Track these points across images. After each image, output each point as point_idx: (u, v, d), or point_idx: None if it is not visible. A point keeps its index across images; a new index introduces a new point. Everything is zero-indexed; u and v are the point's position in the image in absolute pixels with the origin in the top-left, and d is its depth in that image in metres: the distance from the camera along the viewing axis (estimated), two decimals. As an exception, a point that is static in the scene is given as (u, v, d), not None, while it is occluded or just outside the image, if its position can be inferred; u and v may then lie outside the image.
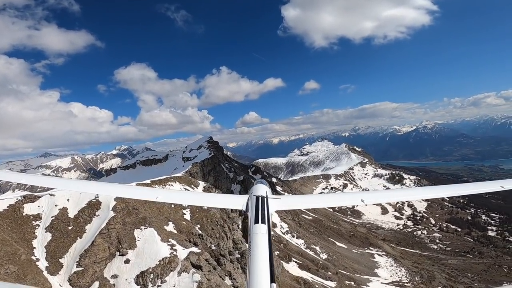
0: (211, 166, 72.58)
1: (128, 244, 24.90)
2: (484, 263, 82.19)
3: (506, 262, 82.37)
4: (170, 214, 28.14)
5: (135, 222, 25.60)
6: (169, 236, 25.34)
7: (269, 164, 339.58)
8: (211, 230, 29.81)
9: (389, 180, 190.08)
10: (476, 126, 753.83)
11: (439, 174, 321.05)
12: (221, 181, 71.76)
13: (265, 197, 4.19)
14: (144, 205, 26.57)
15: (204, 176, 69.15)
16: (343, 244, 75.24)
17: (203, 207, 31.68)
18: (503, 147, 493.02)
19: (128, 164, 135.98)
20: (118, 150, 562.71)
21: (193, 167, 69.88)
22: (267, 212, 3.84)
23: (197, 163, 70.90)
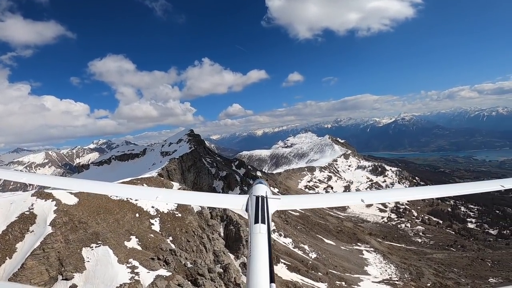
0: (191, 162, 66.15)
1: (74, 266, 18.90)
2: (468, 257, 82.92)
3: (489, 256, 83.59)
4: (133, 226, 22.28)
5: (83, 239, 19.55)
6: (130, 255, 19.54)
7: (254, 156, 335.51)
8: (187, 243, 24.30)
9: (372, 171, 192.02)
10: (451, 118, 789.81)
11: (418, 165, 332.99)
12: (202, 178, 65.70)
13: (265, 197, 4.06)
14: (97, 217, 20.65)
15: (183, 173, 62.80)
16: (332, 240, 72.55)
17: (176, 214, 26.11)
18: (477, 139, 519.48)
19: (102, 159, 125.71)
20: (96, 144, 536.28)
21: (170, 163, 63.15)
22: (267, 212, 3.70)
23: (175, 158, 64.05)
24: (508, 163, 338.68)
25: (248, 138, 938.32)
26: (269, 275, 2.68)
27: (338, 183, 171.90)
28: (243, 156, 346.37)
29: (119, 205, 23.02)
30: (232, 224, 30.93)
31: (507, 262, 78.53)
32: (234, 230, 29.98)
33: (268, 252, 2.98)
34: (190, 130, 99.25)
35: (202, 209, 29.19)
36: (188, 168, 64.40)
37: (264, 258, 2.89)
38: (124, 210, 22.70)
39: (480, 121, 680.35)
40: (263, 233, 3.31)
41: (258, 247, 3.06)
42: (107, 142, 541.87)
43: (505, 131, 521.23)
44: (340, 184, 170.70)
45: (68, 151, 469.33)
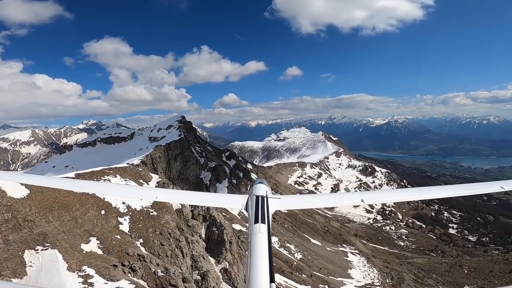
0: (178, 150, 62.81)
1: (12, 270, 16.00)
2: (446, 263, 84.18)
3: (466, 263, 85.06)
4: (95, 225, 19.34)
5: (26, 240, 16.60)
6: (85, 261, 16.70)
7: (245, 147, 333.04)
8: (160, 247, 21.71)
9: (362, 171, 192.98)
10: (442, 123, 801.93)
11: (406, 167, 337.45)
12: (189, 168, 62.61)
13: (265, 197, 4.05)
14: (48, 214, 17.63)
15: (169, 161, 59.57)
16: (318, 241, 71.67)
17: (151, 213, 23.43)
18: (465, 146, 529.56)
19: (87, 141, 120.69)
20: (85, 124, 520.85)
21: (155, 150, 59.62)
22: (267, 212, 3.71)
23: (161, 146, 60.56)
24: (493, 172, 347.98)
25: (241, 128, 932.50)
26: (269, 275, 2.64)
27: (328, 181, 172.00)
28: (235, 146, 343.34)
29: (80, 199, 19.98)
30: (215, 226, 28.44)
31: (483, 270, 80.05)
32: (217, 232, 27.56)
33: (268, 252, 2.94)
34: (181, 116, 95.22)
35: (183, 207, 26.59)
36: (175, 156, 61.10)
37: (264, 258, 2.84)
38: (86, 206, 19.72)
39: (470, 128, 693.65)
40: (263, 233, 3.27)
41: (258, 247, 3.03)
42: (97, 123, 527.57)
43: (493, 140, 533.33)
44: (329, 182, 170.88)
45: (55, 130, 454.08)
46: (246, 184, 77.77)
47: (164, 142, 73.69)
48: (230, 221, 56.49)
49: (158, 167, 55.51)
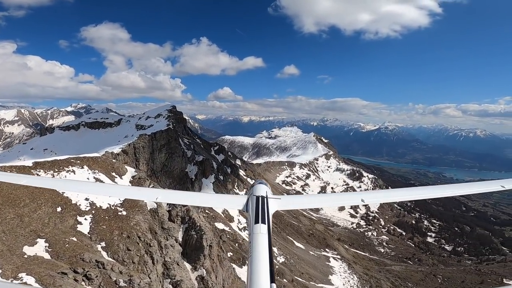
0: (164, 141, 59.47)
1: None
2: (422, 272, 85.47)
3: (441, 272, 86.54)
4: (46, 225, 16.47)
5: None
6: (23, 267, 13.89)
7: (236, 142, 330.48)
8: (126, 252, 19.26)
9: (350, 176, 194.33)
10: (430, 133, 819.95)
11: (391, 174, 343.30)
12: (174, 160, 59.46)
13: (265, 197, 4.04)
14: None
15: (153, 152, 56.30)
16: (302, 244, 70.70)
17: (119, 212, 20.88)
18: (450, 157, 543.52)
19: (70, 124, 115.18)
20: (74, 107, 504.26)
21: (139, 139, 56.09)
22: (267, 212, 3.69)
23: (146, 135, 57.15)
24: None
25: (233, 122, 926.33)
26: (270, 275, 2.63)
27: (315, 182, 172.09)
28: (226, 140, 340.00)
29: (32, 194, 17.02)
30: (194, 229, 26.04)
31: (455, 280, 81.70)
32: (196, 237, 25.23)
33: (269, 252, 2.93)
34: (172, 106, 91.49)
35: (158, 207, 24.07)
36: (160, 147, 57.78)
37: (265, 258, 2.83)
38: (38, 202, 16.82)
39: (457, 140, 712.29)
40: (264, 233, 3.23)
41: (259, 247, 2.99)
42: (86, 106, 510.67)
43: (478, 153, 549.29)
44: (317, 183, 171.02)
45: (42, 111, 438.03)
46: (233, 181, 75.45)
47: (151, 131, 70.35)
48: (213, 219, 54.34)
49: (141, 157, 52.34)
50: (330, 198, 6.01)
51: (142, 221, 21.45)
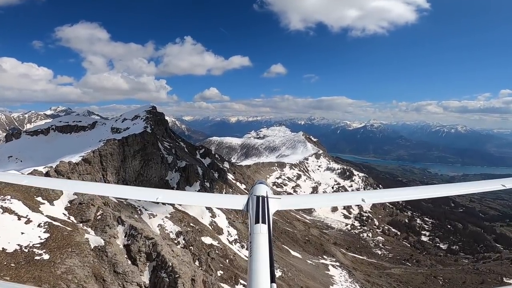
0: (139, 146, 51.74)
1: None
2: (422, 274, 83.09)
3: (441, 273, 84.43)
4: None
5: None
6: None
7: (224, 143, 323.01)
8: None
9: (340, 175, 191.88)
10: (414, 130, 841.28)
11: (379, 171, 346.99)
12: (151, 168, 51.84)
13: (266, 197, 4.07)
14: None
15: (124, 159, 48.60)
16: (298, 252, 65.30)
17: (36, 256, 14.16)
18: (433, 153, 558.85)
19: (38, 128, 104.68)
20: (53, 110, 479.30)
21: (106, 145, 47.93)
22: (267, 212, 3.73)
23: (114, 140, 49.22)
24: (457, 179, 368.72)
25: (221, 123, 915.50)
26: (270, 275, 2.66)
27: (306, 183, 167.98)
28: (213, 141, 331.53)
29: None
30: (165, 270, 19.37)
31: (456, 281, 79.68)
32: (168, 280, 18.63)
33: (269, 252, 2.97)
34: (151, 106, 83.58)
35: (108, 244, 17.20)
36: (134, 153, 50.05)
37: (265, 258, 2.86)
38: None
39: (439, 136, 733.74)
40: (264, 233, 3.27)
41: (259, 247, 3.03)
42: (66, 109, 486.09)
43: (459, 148, 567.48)
44: (308, 184, 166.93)
45: (19, 115, 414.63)
46: (220, 187, 68.70)
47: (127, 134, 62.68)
48: (199, 233, 47.75)
49: (109, 166, 44.85)
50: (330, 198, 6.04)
51: (78, 266, 14.82)
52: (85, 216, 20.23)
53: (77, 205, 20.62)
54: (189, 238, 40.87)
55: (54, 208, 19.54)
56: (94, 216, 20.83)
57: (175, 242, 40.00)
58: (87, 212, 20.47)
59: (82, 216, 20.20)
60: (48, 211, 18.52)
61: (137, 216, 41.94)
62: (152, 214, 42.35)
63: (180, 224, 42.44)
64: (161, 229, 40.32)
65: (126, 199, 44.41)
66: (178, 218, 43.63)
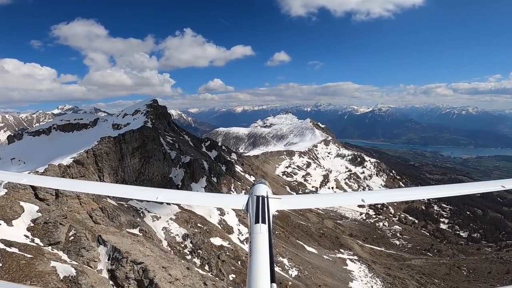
0: (138, 142, 47.49)
1: None
2: (445, 264, 79.19)
3: (464, 263, 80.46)
4: None
5: None
6: None
7: (231, 133, 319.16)
8: None
9: (351, 161, 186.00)
10: (423, 113, 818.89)
11: (390, 156, 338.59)
12: (153, 165, 47.77)
13: (266, 197, 4.06)
14: None
15: (122, 158, 44.61)
16: (314, 247, 61.63)
17: None
18: (445, 135, 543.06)
19: (40, 128, 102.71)
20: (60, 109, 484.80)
21: (101, 144, 43.74)
22: (267, 212, 3.72)
23: (110, 138, 45.19)
24: (471, 161, 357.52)
25: (227, 114, 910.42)
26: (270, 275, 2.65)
27: (317, 171, 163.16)
28: (220, 132, 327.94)
29: None
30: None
31: (481, 271, 75.63)
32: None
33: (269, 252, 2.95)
34: (152, 100, 79.25)
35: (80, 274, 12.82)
36: (133, 151, 46.06)
37: (265, 258, 2.85)
38: None
39: (449, 118, 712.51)
40: (264, 233, 3.25)
41: (259, 247, 3.01)
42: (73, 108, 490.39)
43: (471, 130, 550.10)
44: (319, 172, 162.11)
45: (27, 115, 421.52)
46: (228, 182, 64.53)
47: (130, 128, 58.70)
48: (208, 234, 44.08)
49: (105, 166, 41.09)
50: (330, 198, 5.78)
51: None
52: (54, 237, 16.54)
53: (42, 224, 16.73)
54: (196, 240, 37.24)
55: (12, 230, 15.70)
56: (66, 237, 17.12)
57: (182, 246, 36.42)
58: (55, 233, 16.70)
59: (50, 237, 16.52)
60: (3, 234, 14.64)
61: (139, 219, 38.41)
62: (156, 217, 38.76)
63: (186, 226, 38.79)
64: (166, 233, 36.81)
65: (127, 202, 40.81)
66: (184, 219, 39.98)
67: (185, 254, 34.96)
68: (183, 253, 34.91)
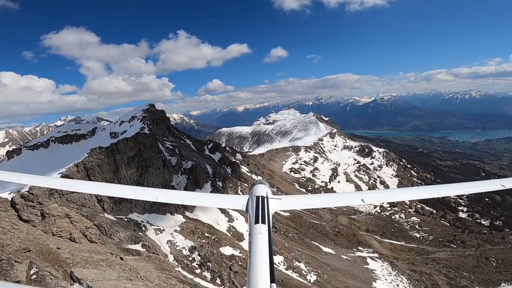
0: (133, 151, 43.62)
1: None
2: (471, 256, 74.73)
3: (492, 254, 75.86)
4: None
5: None
6: None
7: (234, 133, 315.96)
8: None
9: (359, 152, 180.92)
10: (426, 99, 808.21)
11: (397, 144, 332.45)
12: (151, 174, 43.87)
13: (266, 197, 4.08)
14: None
15: (117, 169, 40.88)
16: (330, 247, 57.64)
17: None
18: (450, 120, 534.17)
19: (38, 141, 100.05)
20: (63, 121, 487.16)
21: (91, 156, 39.82)
22: (267, 212, 3.74)
23: (101, 148, 41.30)
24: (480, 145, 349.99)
25: (229, 113, 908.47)
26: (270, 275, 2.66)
27: (324, 165, 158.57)
28: (223, 133, 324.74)
29: None
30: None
31: (511, 261, 71.08)
32: None
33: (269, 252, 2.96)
34: (149, 104, 75.57)
35: None
36: (128, 161, 42.27)
37: (265, 258, 2.86)
38: None
39: (453, 103, 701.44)
40: (264, 233, 3.27)
41: (259, 247, 3.02)
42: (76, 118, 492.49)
43: (476, 113, 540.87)
44: (327, 166, 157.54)
45: (31, 128, 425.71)
46: (235, 185, 60.52)
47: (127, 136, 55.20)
48: (217, 243, 40.27)
49: (98, 179, 37.41)
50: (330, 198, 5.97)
51: None
52: (11, 276, 13.18)
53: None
54: (205, 252, 33.53)
55: None
56: (26, 275, 13.72)
57: (190, 260, 32.76)
58: (11, 271, 13.35)
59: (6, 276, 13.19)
60: None
61: (141, 233, 34.79)
62: (159, 229, 35.15)
63: (193, 237, 35.15)
64: (172, 246, 33.19)
65: (126, 215, 37.19)
66: (190, 229, 36.35)
67: (193, 268, 31.33)
68: (191, 267, 31.28)
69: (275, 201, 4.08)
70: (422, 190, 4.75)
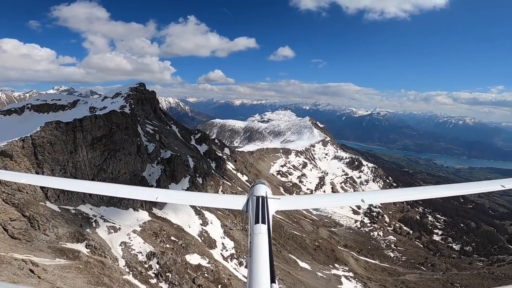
0: (103, 131, 38.57)
1: None
2: (438, 280, 75.43)
3: (457, 279, 76.71)
4: None
5: None
6: None
7: (227, 126, 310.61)
8: None
9: (349, 164, 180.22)
10: (420, 120, 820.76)
11: (385, 161, 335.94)
12: (119, 160, 38.88)
13: (265, 197, 4.11)
14: None
15: (75, 150, 35.52)
16: (307, 262, 55.17)
17: None
18: (440, 144, 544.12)
19: (12, 107, 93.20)
20: (56, 90, 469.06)
21: (44, 131, 33.78)
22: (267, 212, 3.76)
23: (59, 123, 35.84)
24: (463, 172, 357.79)
25: (225, 105, 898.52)
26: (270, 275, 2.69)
27: (313, 172, 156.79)
28: (216, 123, 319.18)
29: None
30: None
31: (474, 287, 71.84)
32: None
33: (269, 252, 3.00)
34: (139, 83, 70.61)
35: None
36: (92, 142, 37.23)
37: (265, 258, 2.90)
38: None
39: (446, 127, 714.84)
40: (264, 233, 3.31)
41: (259, 247, 3.07)
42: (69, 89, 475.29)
43: (467, 141, 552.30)
44: (314, 173, 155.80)
45: (20, 94, 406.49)
46: (216, 184, 56.46)
47: (104, 112, 50.42)
48: (183, 250, 36.62)
49: (48, 160, 32.16)
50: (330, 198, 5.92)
51: None
52: None
53: None
54: (166, 260, 29.75)
55: None
56: None
57: (145, 267, 28.96)
58: None
59: None
60: None
61: (90, 230, 30.46)
62: (114, 227, 30.91)
63: (155, 241, 31.26)
64: (125, 249, 29.13)
65: (76, 206, 32.81)
66: (152, 231, 32.41)
67: (148, 277, 27.58)
68: (145, 275, 27.51)
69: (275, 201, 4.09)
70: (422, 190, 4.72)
